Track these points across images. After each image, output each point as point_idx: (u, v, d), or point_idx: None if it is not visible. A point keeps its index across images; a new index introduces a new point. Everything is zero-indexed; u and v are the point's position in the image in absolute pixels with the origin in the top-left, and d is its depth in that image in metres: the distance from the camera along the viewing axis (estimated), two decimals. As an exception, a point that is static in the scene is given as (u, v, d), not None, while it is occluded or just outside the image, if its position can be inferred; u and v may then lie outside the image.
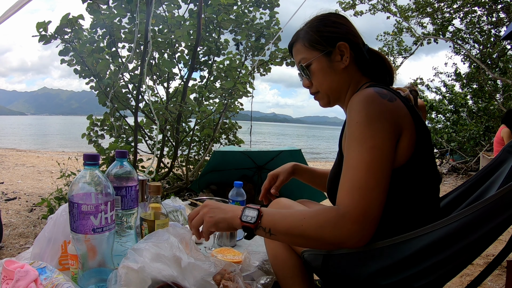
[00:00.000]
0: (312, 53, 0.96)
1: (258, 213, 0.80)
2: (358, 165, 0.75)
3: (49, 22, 2.92)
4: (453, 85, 9.80)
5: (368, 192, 0.72)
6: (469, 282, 2.15)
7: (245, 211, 0.82)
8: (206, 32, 3.58)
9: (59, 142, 18.51)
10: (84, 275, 0.82)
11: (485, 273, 0.87)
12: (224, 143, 4.54)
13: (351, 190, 0.73)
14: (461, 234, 0.72)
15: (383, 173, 0.74)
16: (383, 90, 0.82)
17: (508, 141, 4.77)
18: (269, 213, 0.81)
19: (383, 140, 0.75)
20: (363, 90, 0.83)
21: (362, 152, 0.75)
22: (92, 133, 3.40)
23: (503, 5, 8.14)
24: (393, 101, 0.80)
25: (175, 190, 3.59)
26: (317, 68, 0.96)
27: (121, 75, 3.13)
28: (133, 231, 1.00)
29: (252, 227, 0.80)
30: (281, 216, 0.79)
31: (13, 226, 2.92)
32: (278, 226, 0.78)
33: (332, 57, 0.94)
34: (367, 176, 0.73)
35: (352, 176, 0.75)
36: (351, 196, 0.73)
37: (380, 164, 0.74)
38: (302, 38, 0.99)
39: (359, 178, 0.73)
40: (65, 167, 4.21)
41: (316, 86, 0.99)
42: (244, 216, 0.81)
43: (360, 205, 0.71)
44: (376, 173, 0.73)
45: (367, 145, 0.75)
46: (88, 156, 0.80)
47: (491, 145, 7.00)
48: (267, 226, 0.79)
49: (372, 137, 0.75)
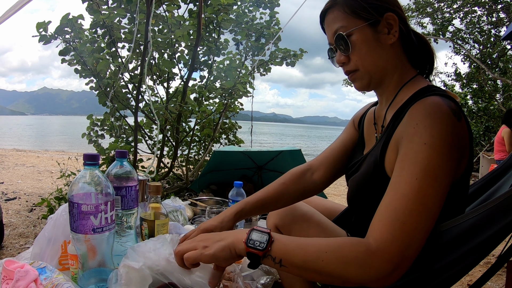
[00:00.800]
0: (355, 22, 0.81)
1: (268, 238, 0.67)
2: (412, 194, 0.62)
3: (49, 22, 2.92)
4: (453, 85, 9.81)
5: (413, 230, 0.61)
6: (469, 282, 2.16)
7: (252, 234, 0.68)
8: (206, 32, 3.57)
9: (59, 142, 18.50)
10: (84, 275, 0.82)
11: (488, 274, 0.85)
12: (224, 143, 4.54)
13: (393, 222, 0.61)
14: (469, 236, 0.70)
15: (435, 211, 0.63)
16: (451, 104, 0.69)
17: (508, 141, 4.76)
18: (281, 240, 0.67)
19: (448, 174, 0.64)
20: (431, 99, 0.69)
21: (421, 182, 0.62)
22: (92, 133, 3.40)
23: (503, 5, 8.14)
24: (461, 120, 0.68)
25: (175, 190, 3.59)
26: (360, 39, 0.80)
27: (121, 75, 3.13)
28: (133, 231, 1.00)
29: (260, 254, 0.66)
30: (296, 246, 0.66)
31: (13, 226, 2.92)
32: (292, 257, 0.65)
33: (378, 29, 0.80)
34: (418, 211, 0.61)
35: (400, 205, 0.62)
36: (390, 230, 0.61)
37: (436, 201, 0.63)
38: (342, 3, 0.83)
39: (408, 212, 0.61)
40: (65, 167, 4.21)
41: (356, 63, 0.83)
42: (251, 240, 0.67)
43: (398, 242, 0.60)
44: (428, 210, 0.62)
45: (431, 175, 0.63)
46: (88, 156, 0.80)
47: (491, 145, 7.00)
48: (278, 255, 0.65)
49: (439, 167, 0.63)
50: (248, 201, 0.99)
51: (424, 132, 0.65)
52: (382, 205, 0.66)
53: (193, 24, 3.42)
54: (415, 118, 0.68)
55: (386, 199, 0.65)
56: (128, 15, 3.16)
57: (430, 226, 0.62)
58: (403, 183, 0.64)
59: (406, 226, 0.61)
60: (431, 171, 0.63)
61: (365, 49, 0.81)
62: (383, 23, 0.80)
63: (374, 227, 0.64)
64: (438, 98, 0.69)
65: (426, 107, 0.68)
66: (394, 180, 0.66)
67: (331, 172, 1.04)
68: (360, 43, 0.81)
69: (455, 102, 0.71)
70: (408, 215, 0.61)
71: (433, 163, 0.63)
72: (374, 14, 0.80)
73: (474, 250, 0.70)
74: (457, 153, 0.66)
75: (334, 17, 0.84)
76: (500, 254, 0.86)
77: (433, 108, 0.67)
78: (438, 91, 0.75)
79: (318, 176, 1.05)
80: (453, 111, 0.67)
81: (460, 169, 0.71)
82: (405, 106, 0.77)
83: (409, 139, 0.67)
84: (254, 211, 0.98)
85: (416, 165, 0.64)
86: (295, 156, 3.12)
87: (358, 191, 0.88)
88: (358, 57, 0.82)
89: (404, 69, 0.84)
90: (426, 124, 0.66)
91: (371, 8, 0.80)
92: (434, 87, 0.78)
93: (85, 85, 3.26)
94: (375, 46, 0.81)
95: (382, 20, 0.80)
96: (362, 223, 0.93)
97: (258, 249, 0.66)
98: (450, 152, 0.64)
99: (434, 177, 0.63)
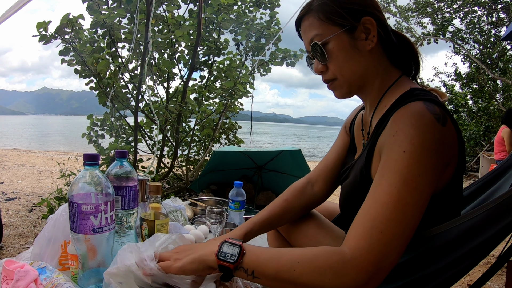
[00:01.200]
0: (330, 29, 0.78)
1: (239, 251, 0.66)
2: (390, 204, 0.61)
3: (49, 22, 2.92)
4: (453, 85, 9.81)
5: (391, 239, 0.59)
6: (469, 282, 2.16)
7: (223, 247, 0.68)
8: (206, 32, 3.58)
9: (59, 142, 18.51)
10: (84, 275, 0.82)
11: (488, 274, 0.85)
12: (224, 143, 4.54)
13: (370, 231, 0.60)
14: (469, 237, 0.69)
15: (415, 219, 0.61)
16: (435, 108, 0.66)
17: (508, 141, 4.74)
18: (253, 251, 0.67)
19: (429, 182, 0.62)
20: (413, 107, 0.67)
21: (401, 191, 0.61)
22: (92, 133, 3.40)
23: (503, 5, 8.15)
24: (445, 124, 0.66)
25: (175, 190, 3.59)
26: (337, 47, 0.77)
27: (121, 75, 3.13)
28: (133, 231, 1.00)
29: (231, 267, 0.66)
30: (269, 257, 0.65)
31: (13, 226, 2.92)
32: (265, 268, 0.64)
33: (355, 35, 0.77)
34: (397, 220, 0.60)
35: (378, 214, 0.61)
36: (367, 239, 0.59)
37: (416, 209, 0.61)
38: (316, 9, 0.79)
39: (387, 220, 0.60)
40: (65, 167, 4.21)
41: (334, 71, 0.80)
42: (222, 253, 0.67)
43: (375, 251, 0.58)
44: (408, 219, 0.60)
45: (410, 184, 0.61)
46: (88, 156, 0.80)
47: (491, 145, 7.00)
48: (250, 267, 0.65)
49: (420, 176, 0.62)
50: (255, 221, 0.97)
51: (404, 140, 0.63)
52: (360, 213, 0.64)
53: (193, 24, 3.42)
54: (396, 126, 0.66)
55: (365, 207, 0.64)
56: (128, 15, 3.16)
57: (409, 235, 0.61)
58: (382, 192, 0.63)
59: (384, 235, 0.59)
60: (411, 180, 0.61)
61: (342, 57, 0.78)
62: (360, 28, 0.77)
63: (350, 236, 0.62)
64: (421, 104, 0.67)
65: (407, 115, 0.66)
66: (374, 189, 0.65)
67: (330, 182, 1.04)
68: (337, 51, 0.78)
69: (440, 105, 0.69)
70: (386, 224, 0.60)
71: (413, 172, 0.62)
72: (350, 19, 0.77)
73: (474, 251, 0.70)
74: (442, 159, 0.65)
75: (309, 25, 0.81)
76: (500, 254, 0.86)
77: (415, 116, 0.65)
78: (421, 95, 0.72)
79: (318, 188, 1.05)
80: (436, 116, 0.65)
81: (448, 173, 0.69)
82: (389, 113, 0.75)
83: (389, 147, 0.66)
84: (261, 230, 0.98)
85: (395, 173, 0.62)
86: (295, 156, 3.12)
87: (348, 199, 0.88)
88: (335, 65, 0.79)
89: (386, 73, 0.81)
90: (407, 132, 0.64)
91: (347, 13, 0.77)
92: (418, 90, 0.75)
93: (85, 85, 3.26)
94: (353, 53, 0.78)
95: (359, 25, 0.77)
96: None
97: (229, 261, 0.66)
98: (432, 160, 0.63)
99: (414, 186, 0.61)
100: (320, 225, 1.01)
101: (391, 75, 0.81)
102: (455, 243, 0.70)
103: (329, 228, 1.01)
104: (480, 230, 0.69)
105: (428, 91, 0.76)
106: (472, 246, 0.69)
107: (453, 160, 0.69)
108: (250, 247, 0.68)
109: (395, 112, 0.69)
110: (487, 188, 1.00)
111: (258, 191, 3.25)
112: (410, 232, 0.61)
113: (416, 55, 0.84)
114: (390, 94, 0.80)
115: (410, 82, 0.81)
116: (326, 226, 1.01)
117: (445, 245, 0.71)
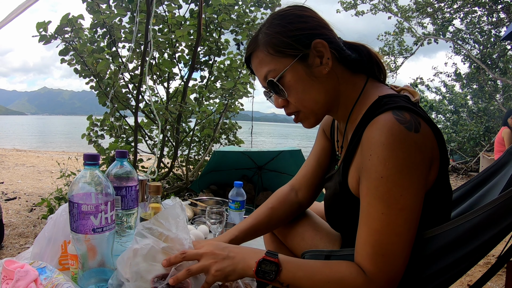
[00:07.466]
0: (282, 62, 0.74)
1: (277, 269, 0.70)
2: (383, 229, 0.65)
3: (49, 22, 2.92)
4: (453, 85, 9.82)
5: (394, 258, 0.65)
6: (469, 282, 2.15)
7: (261, 265, 0.71)
8: (206, 32, 3.57)
9: (59, 142, 18.51)
10: (84, 275, 0.82)
11: (488, 274, 0.86)
12: (224, 143, 4.53)
13: (375, 257, 0.65)
14: (468, 238, 0.70)
15: (411, 232, 0.65)
16: (405, 116, 0.65)
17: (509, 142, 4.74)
18: (289, 269, 0.71)
19: (414, 195, 0.64)
20: (382, 120, 0.66)
21: (389, 215, 0.64)
22: (92, 133, 3.40)
23: (503, 5, 8.14)
24: (419, 130, 0.64)
25: (175, 190, 3.59)
26: (293, 79, 0.74)
27: (121, 75, 3.13)
28: (133, 231, 1.00)
29: (269, 283, 0.72)
30: (304, 275, 0.70)
31: (13, 226, 2.92)
32: (299, 285, 0.70)
33: (309, 62, 0.74)
34: (393, 242, 0.65)
35: (375, 241, 0.65)
36: (374, 264, 0.65)
37: (409, 225, 0.65)
38: (264, 44, 0.76)
39: (385, 245, 0.65)
40: (65, 167, 4.21)
41: (295, 104, 0.77)
42: (260, 271, 0.71)
43: (385, 271, 0.65)
44: (403, 237, 0.65)
45: (395, 207, 0.64)
46: (88, 156, 0.80)
47: (491, 145, 7.00)
48: (285, 281, 0.71)
49: (402, 197, 0.63)
50: (240, 228, 0.97)
51: (379, 164, 0.64)
52: (360, 241, 0.68)
53: (193, 24, 3.42)
54: (369, 149, 0.66)
55: (363, 235, 0.68)
56: (129, 15, 3.16)
57: (408, 248, 0.66)
58: (372, 219, 0.66)
59: (386, 257, 0.65)
60: (394, 203, 0.63)
61: (301, 89, 0.75)
62: (312, 54, 0.73)
63: (361, 258, 0.67)
64: (389, 115, 0.65)
65: (378, 132, 0.65)
66: (364, 216, 0.68)
67: (312, 190, 1.04)
68: (294, 84, 0.74)
69: (410, 110, 0.66)
70: (385, 248, 0.65)
71: (394, 195, 0.63)
72: (300, 47, 0.73)
73: (474, 252, 0.70)
74: (422, 166, 0.65)
75: (260, 61, 0.77)
76: (500, 254, 0.86)
77: (384, 133, 0.64)
78: (389, 103, 0.69)
79: (301, 195, 1.05)
80: (407, 125, 0.63)
81: (433, 172, 0.69)
82: (360, 127, 0.74)
83: (367, 172, 0.66)
84: (247, 237, 0.98)
85: (379, 200, 0.65)
86: (295, 156, 3.12)
87: (331, 211, 0.90)
88: (296, 98, 0.76)
89: (350, 86, 0.79)
90: (380, 155, 0.64)
91: (295, 42, 0.73)
92: (386, 97, 0.72)
93: (85, 84, 3.26)
94: (311, 82, 0.74)
95: (311, 51, 0.73)
96: (343, 234, 0.96)
97: (268, 279, 0.70)
98: (410, 176, 0.63)
99: (399, 207, 0.63)
100: (316, 227, 1.01)
101: (356, 85, 0.79)
102: (455, 244, 0.70)
103: (325, 230, 1.01)
104: (480, 232, 0.69)
105: (397, 94, 0.74)
106: (472, 247, 0.70)
107: (435, 159, 0.69)
108: (286, 263, 0.71)
109: (366, 128, 0.69)
110: (483, 186, 1.00)
111: (258, 191, 3.25)
112: (409, 245, 0.66)
113: (376, 59, 0.82)
114: (359, 106, 0.78)
115: (377, 86, 0.79)
116: (322, 229, 1.01)
117: (444, 246, 0.71)
